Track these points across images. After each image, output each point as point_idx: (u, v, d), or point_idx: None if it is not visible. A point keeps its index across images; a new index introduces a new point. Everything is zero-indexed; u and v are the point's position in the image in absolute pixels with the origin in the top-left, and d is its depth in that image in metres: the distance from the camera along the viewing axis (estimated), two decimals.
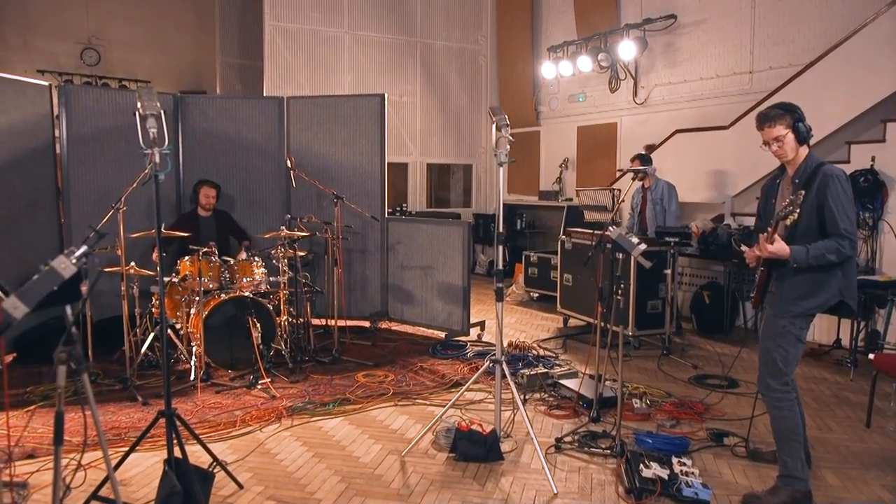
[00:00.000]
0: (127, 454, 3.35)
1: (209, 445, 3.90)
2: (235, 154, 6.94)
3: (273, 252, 5.70)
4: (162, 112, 2.86)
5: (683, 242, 5.89)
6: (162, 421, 3.23)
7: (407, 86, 10.66)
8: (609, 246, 3.94)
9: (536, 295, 8.69)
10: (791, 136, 3.25)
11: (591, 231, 6.63)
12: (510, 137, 3.72)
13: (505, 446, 3.90)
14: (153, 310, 5.47)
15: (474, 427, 3.84)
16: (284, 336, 5.65)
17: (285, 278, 5.67)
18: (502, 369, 3.89)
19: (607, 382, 5.00)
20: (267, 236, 5.76)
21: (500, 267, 3.81)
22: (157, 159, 2.75)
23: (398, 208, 10.03)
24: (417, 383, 5.17)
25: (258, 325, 5.21)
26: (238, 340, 5.24)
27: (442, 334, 6.58)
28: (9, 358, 5.63)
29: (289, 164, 5.96)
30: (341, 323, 6.69)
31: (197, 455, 3.62)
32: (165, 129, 2.88)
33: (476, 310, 8.16)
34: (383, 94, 6.91)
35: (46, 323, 5.68)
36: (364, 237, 6.99)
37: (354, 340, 6.40)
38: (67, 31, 12.26)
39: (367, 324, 7.00)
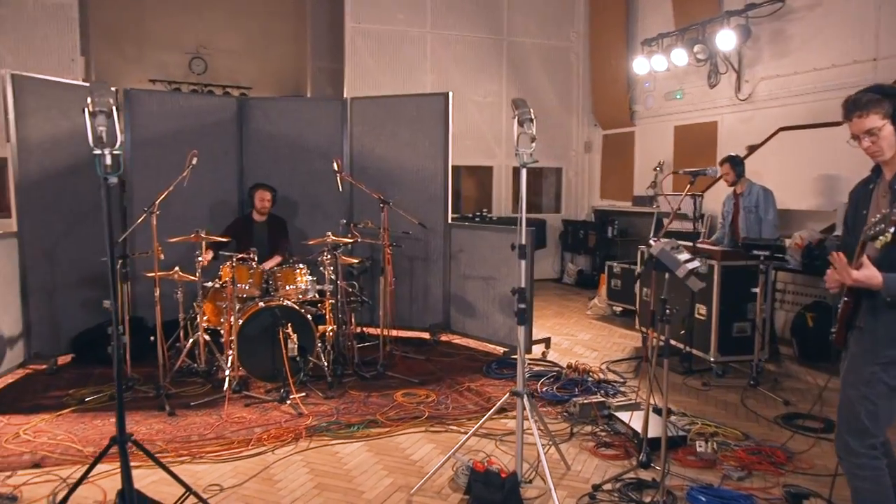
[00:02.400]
0: (74, 487, 3.11)
1: (216, 465, 3.67)
2: (298, 157, 6.78)
3: (319, 259, 5.43)
4: (115, 108, 2.59)
5: (776, 257, 5.06)
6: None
7: (492, 86, 10.21)
8: (654, 263, 3.32)
9: (620, 309, 7.97)
10: (890, 128, 2.52)
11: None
12: (533, 133, 3.19)
13: (530, 492, 3.37)
14: (195, 316, 5.33)
15: (492, 468, 3.34)
16: (327, 348, 5.37)
17: (332, 287, 5.39)
18: (523, 404, 3.35)
19: (673, 417, 4.35)
20: (311, 242, 5.51)
21: (523, 285, 3.28)
22: (108, 161, 2.48)
23: (478, 213, 9.59)
24: (458, 406, 4.71)
25: (295, 335, 4.94)
26: (277, 351, 4.99)
27: (503, 350, 6.09)
28: (67, 358, 5.71)
29: (335, 167, 5.68)
30: (397, 334, 6.38)
31: (197, 476, 3.35)
32: (118, 126, 2.61)
33: (553, 323, 7.61)
34: (447, 93, 6.51)
35: (102, 325, 5.72)
36: (426, 244, 6.61)
37: (409, 354, 6.03)
38: (178, 42, 12.76)
39: (427, 335, 6.62)
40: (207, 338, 5.30)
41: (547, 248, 10.66)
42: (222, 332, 5.46)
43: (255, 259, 5.22)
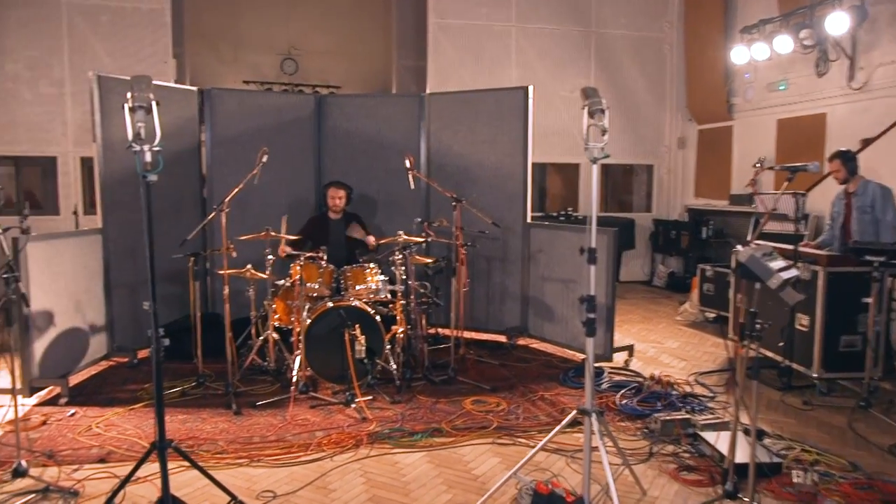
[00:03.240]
0: (116, 492, 3.06)
1: (273, 470, 3.58)
2: (375, 154, 6.69)
3: (391, 258, 5.30)
4: (154, 104, 2.49)
5: (892, 262, 4.48)
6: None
7: (579, 80, 9.79)
8: (743, 271, 2.93)
9: (713, 315, 7.43)
10: None
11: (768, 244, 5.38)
12: (605, 126, 2.89)
13: None
14: (266, 314, 5.30)
15: (558, 490, 3.07)
16: (397, 350, 5.22)
17: (403, 287, 5.24)
18: (591, 423, 3.06)
19: (767, 440, 3.92)
20: (382, 241, 5.37)
21: (592, 293, 2.98)
22: (148, 158, 2.39)
23: (563, 212, 9.22)
24: (529, 417, 4.44)
25: (363, 337, 4.81)
26: (345, 352, 4.87)
27: (582, 357, 5.75)
28: (147, 352, 5.82)
29: (407, 164, 5.52)
30: (472, 337, 6.19)
31: (253, 480, 3.27)
32: (157, 122, 2.51)
33: (640, 329, 7.20)
34: (526, 87, 6.23)
35: (178, 321, 5.82)
36: (505, 244, 6.36)
37: (483, 358, 5.81)
38: (270, 43, 13.03)
39: (503, 339, 6.37)
40: (277, 336, 5.26)
41: (636, 249, 10.16)
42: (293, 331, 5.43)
43: (325, 258, 5.14)
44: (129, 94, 2.49)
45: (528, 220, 6.34)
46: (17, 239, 4.45)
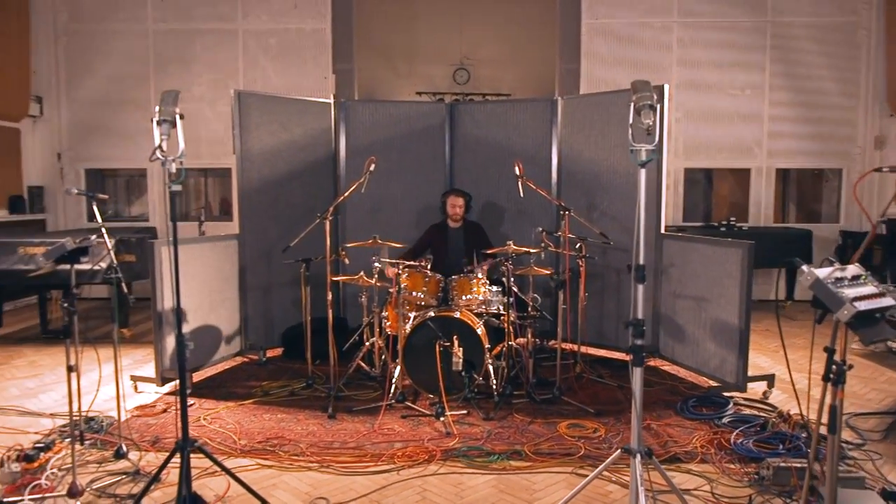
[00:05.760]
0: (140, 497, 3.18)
1: (337, 477, 3.61)
2: (505, 161, 6.51)
3: (502, 269, 5.13)
4: (178, 118, 2.58)
5: None
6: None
7: (751, 77, 8.86)
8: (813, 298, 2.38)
9: None
10: None
11: None
12: (650, 123, 2.51)
13: None
14: (380, 319, 5.37)
15: None
16: (501, 364, 5.03)
17: (510, 299, 5.04)
18: (636, 465, 2.67)
19: None
20: (490, 251, 5.21)
21: (640, 315, 2.61)
22: (172, 169, 2.49)
23: (724, 222, 8.36)
24: None
25: (460, 349, 4.69)
26: (445, 364, 4.79)
27: (712, 384, 5.15)
28: (277, 351, 6.20)
29: (517, 171, 5.31)
30: (596, 354, 5.83)
31: (313, 485, 3.30)
32: (181, 135, 2.60)
33: (801, 355, 6.28)
34: (662, 86, 5.72)
35: (299, 323, 6.11)
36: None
37: (602, 378, 5.41)
38: (443, 55, 13.43)
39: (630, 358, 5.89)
40: (381, 344, 5.31)
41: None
42: None
43: (429, 266, 5.10)
44: (156, 108, 2.62)
45: (662, 230, 5.82)
46: (153, 243, 4.96)
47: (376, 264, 5.04)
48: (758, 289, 5.85)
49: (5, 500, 3.30)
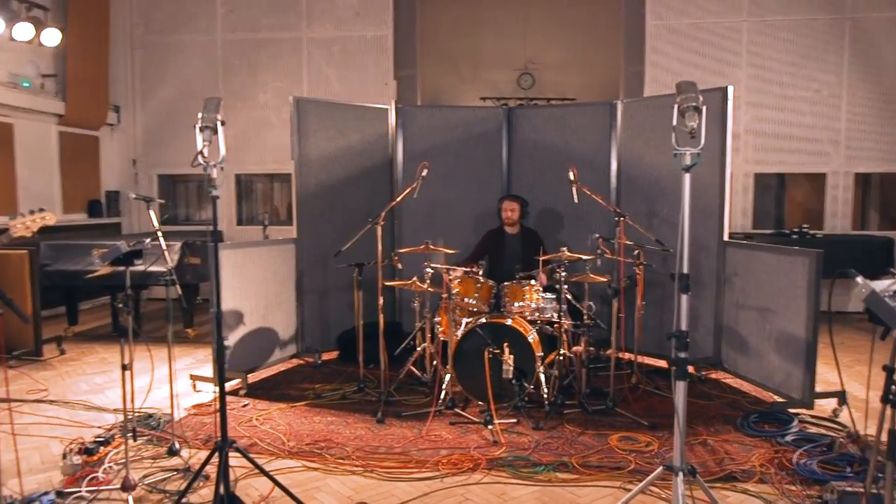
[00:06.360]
0: (183, 493, 3.23)
1: (379, 483, 3.61)
2: (563, 166, 6.37)
3: (555, 275, 5.04)
4: (220, 124, 2.63)
5: None
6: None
7: (827, 76, 8.45)
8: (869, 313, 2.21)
9: None
10: None
11: None
12: (694, 126, 2.40)
13: None
14: (432, 324, 5.35)
15: None
16: (553, 373, 4.93)
17: (564, 306, 4.94)
18: (678, 483, 2.55)
19: None
20: (544, 258, 5.12)
21: (683, 327, 2.50)
22: (214, 174, 2.54)
23: (797, 230, 7.97)
24: None
25: (511, 356, 4.63)
26: (495, 371, 4.73)
27: (776, 399, 4.91)
28: (333, 354, 6.28)
29: (571, 177, 5.20)
30: (656, 364, 5.66)
31: (355, 489, 3.32)
32: (222, 141, 2.64)
33: (877, 372, 5.92)
34: (725, 88, 5.51)
35: (364, 325, 6.15)
36: (697, 264, 5.69)
37: (660, 390, 5.24)
38: (507, 60, 13.39)
39: (691, 370, 5.69)
40: (432, 349, 5.29)
41: None
42: None
43: (481, 272, 5.06)
44: (199, 115, 2.68)
45: (726, 237, 5.60)
46: (211, 246, 5.09)
47: (428, 269, 5.04)
48: (836, 300, 5.55)
49: (65, 490, 3.44)
